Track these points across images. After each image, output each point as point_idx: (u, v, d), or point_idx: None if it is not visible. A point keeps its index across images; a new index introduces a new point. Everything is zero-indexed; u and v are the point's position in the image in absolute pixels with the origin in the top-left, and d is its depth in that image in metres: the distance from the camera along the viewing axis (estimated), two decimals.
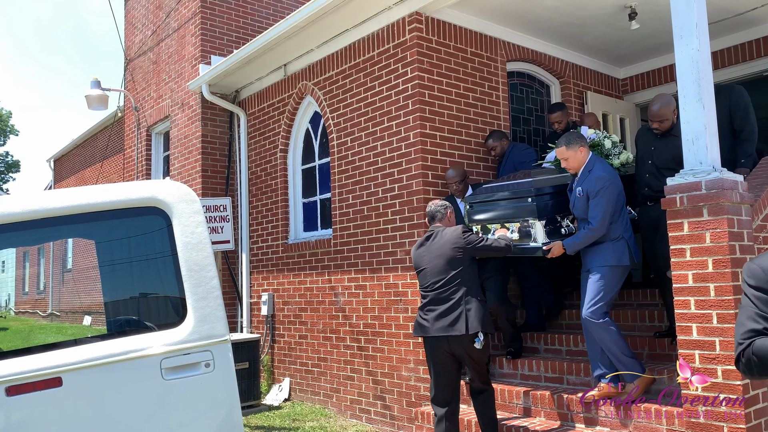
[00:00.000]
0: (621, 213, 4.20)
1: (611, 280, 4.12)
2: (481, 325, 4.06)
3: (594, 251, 4.20)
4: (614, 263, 4.12)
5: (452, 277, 4.17)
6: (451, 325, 4.08)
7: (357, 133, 6.08)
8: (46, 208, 2.86)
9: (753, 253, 3.63)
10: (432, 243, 4.34)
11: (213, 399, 2.94)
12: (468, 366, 4.26)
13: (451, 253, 4.19)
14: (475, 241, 4.23)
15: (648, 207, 4.62)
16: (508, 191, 4.63)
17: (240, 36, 8.30)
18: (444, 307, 4.14)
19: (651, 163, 4.57)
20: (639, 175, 4.72)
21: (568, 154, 4.26)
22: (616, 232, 4.16)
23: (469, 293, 4.14)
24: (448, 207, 4.51)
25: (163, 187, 3.11)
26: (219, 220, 7.53)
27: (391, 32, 5.70)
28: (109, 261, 3.28)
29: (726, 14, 5.86)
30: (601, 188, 4.08)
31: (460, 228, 4.28)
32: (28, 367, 2.64)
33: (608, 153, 4.88)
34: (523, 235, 4.51)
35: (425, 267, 4.32)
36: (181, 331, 2.92)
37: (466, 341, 4.07)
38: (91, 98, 9.22)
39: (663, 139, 4.50)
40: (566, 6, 5.71)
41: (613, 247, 4.14)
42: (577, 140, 4.27)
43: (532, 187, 4.46)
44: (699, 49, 3.63)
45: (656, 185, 4.39)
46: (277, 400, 6.86)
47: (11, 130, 32.16)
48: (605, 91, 7.21)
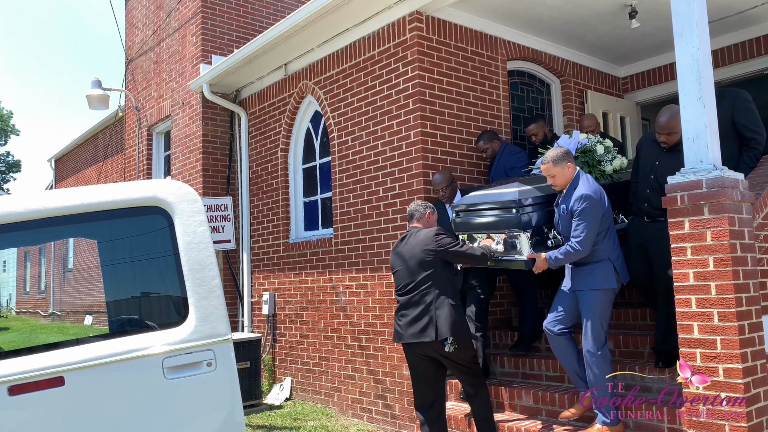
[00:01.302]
0: (607, 233, 4.01)
1: (603, 304, 3.96)
2: (450, 331, 3.93)
3: (580, 272, 4.04)
4: (601, 286, 3.94)
5: (423, 279, 4.05)
6: (422, 332, 3.99)
7: (358, 132, 6.08)
8: (48, 208, 2.87)
9: (754, 252, 3.63)
10: (405, 244, 4.24)
11: (215, 398, 2.95)
12: (451, 370, 4.16)
13: (421, 255, 4.08)
14: (447, 244, 4.09)
15: (644, 222, 4.41)
16: (494, 201, 4.46)
17: (241, 35, 8.30)
18: (415, 312, 4.04)
19: (654, 178, 4.31)
20: (639, 188, 4.49)
21: (555, 171, 4.08)
22: (602, 253, 3.97)
23: (441, 297, 4.01)
24: (428, 207, 4.40)
25: (164, 186, 3.11)
26: (220, 219, 7.54)
27: (392, 31, 5.70)
28: (111, 261, 3.28)
29: (726, 12, 5.85)
30: (584, 207, 3.90)
31: (434, 230, 4.16)
32: (30, 367, 2.65)
33: (600, 159, 4.70)
34: (508, 247, 4.34)
35: (398, 269, 4.22)
36: (183, 330, 2.93)
37: (438, 346, 3.97)
38: (92, 98, 9.22)
39: (669, 154, 4.25)
40: (567, 5, 5.71)
41: (599, 269, 3.96)
42: (565, 157, 4.08)
43: (518, 198, 4.27)
44: (699, 47, 3.63)
45: (657, 202, 4.15)
46: (279, 399, 6.87)
47: (12, 130, 32.16)
48: (606, 89, 7.21)
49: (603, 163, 4.69)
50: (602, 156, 4.70)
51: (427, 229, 4.24)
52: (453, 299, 4.07)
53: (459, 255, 4.14)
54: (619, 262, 4.03)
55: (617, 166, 4.71)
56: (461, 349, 4.04)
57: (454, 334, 3.95)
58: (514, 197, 4.29)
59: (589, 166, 4.62)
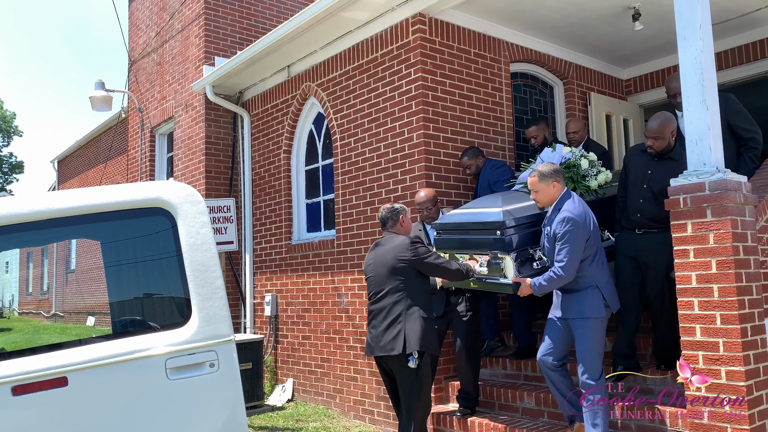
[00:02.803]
0: (595, 258, 3.84)
1: (595, 332, 3.81)
2: (419, 344, 3.77)
3: (569, 300, 3.89)
4: (590, 315, 3.79)
5: (394, 289, 3.89)
6: (390, 344, 3.83)
7: (360, 134, 6.09)
8: (52, 209, 2.88)
9: (757, 254, 3.63)
10: (378, 250, 4.07)
11: (217, 399, 2.95)
12: (399, 383, 3.94)
13: (393, 263, 3.91)
14: (422, 254, 3.90)
15: (635, 235, 4.27)
16: (476, 221, 4.24)
17: (243, 37, 8.32)
18: (385, 323, 3.87)
19: (646, 188, 4.22)
20: (630, 199, 4.35)
21: (540, 187, 3.94)
22: (590, 280, 3.82)
23: (413, 308, 3.85)
24: (400, 212, 4.19)
25: (168, 188, 3.12)
26: (223, 220, 7.55)
27: (395, 33, 5.71)
28: (114, 261, 3.29)
29: (730, 15, 5.85)
30: (566, 231, 3.73)
31: (410, 238, 3.99)
32: (34, 367, 2.66)
33: (585, 174, 4.54)
34: (492, 269, 4.15)
35: (371, 275, 4.07)
36: (186, 331, 2.93)
37: (402, 360, 3.81)
38: (96, 99, 9.26)
39: (661, 163, 4.19)
40: (570, 7, 5.71)
41: (587, 297, 3.81)
42: (552, 175, 3.93)
43: (502, 220, 4.04)
44: (703, 49, 3.63)
45: (651, 212, 4.14)
46: (281, 400, 6.87)
47: (15, 131, 32.27)
48: (609, 91, 7.21)
49: (587, 178, 4.53)
50: (587, 171, 4.54)
51: (403, 236, 4.05)
52: (425, 311, 3.90)
53: (433, 267, 3.96)
54: (608, 288, 3.87)
55: (602, 180, 4.56)
56: (422, 369, 3.87)
57: (422, 348, 3.79)
58: (498, 218, 4.07)
59: (573, 182, 4.48)
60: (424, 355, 3.86)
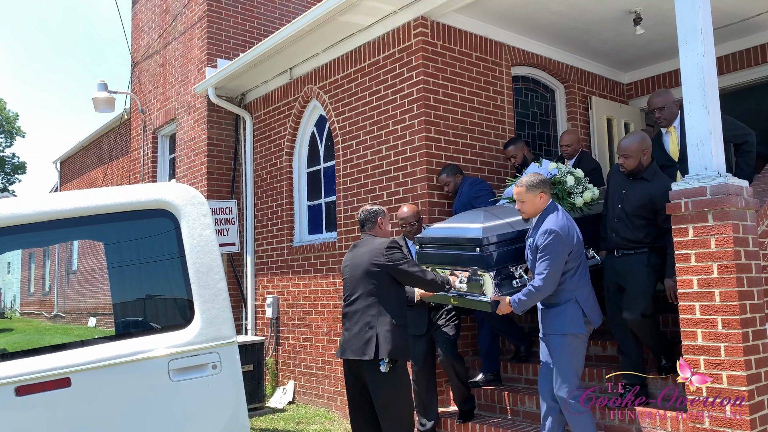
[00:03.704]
0: (576, 272, 3.74)
1: (573, 350, 3.71)
2: (391, 351, 3.67)
3: (547, 314, 3.81)
4: (568, 331, 3.68)
5: (367, 292, 3.80)
6: (363, 348, 3.73)
7: (362, 136, 6.10)
8: (56, 210, 2.90)
9: (758, 259, 3.63)
10: (355, 252, 3.99)
11: (220, 400, 2.97)
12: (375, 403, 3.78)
13: (367, 267, 3.81)
14: (398, 260, 3.79)
15: (614, 258, 4.19)
16: (456, 237, 4.14)
17: (246, 39, 8.34)
18: (357, 327, 3.79)
19: (621, 208, 4.15)
20: (608, 217, 4.29)
21: (526, 197, 3.84)
22: (570, 293, 3.70)
23: (385, 314, 3.75)
24: (379, 213, 4.09)
25: (171, 189, 3.14)
26: (225, 222, 7.57)
27: (397, 36, 5.73)
28: (117, 263, 3.31)
29: (731, 19, 5.86)
30: (548, 243, 3.64)
31: (387, 242, 3.88)
32: (37, 368, 2.67)
33: (571, 191, 4.46)
34: (472, 285, 4.04)
35: (346, 277, 3.99)
36: (189, 332, 2.95)
37: (374, 366, 3.71)
38: (98, 101, 9.28)
39: (634, 183, 4.12)
40: (571, 11, 5.73)
41: (566, 311, 3.70)
42: (540, 185, 3.84)
43: (481, 237, 3.93)
44: (704, 54, 3.64)
45: (625, 232, 4.08)
46: (281, 402, 6.88)
47: (18, 132, 32.33)
48: (610, 95, 7.22)
49: (573, 195, 4.45)
50: (573, 187, 4.46)
51: (381, 239, 3.96)
52: (397, 318, 3.79)
53: (407, 275, 3.84)
54: (589, 303, 3.75)
55: (588, 198, 4.47)
56: (397, 375, 3.76)
57: (392, 356, 3.68)
58: (477, 235, 3.97)
59: (558, 199, 4.41)
60: (397, 363, 3.76)
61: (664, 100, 4.62)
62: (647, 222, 4.03)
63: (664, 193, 3.84)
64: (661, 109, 4.61)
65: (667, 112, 4.60)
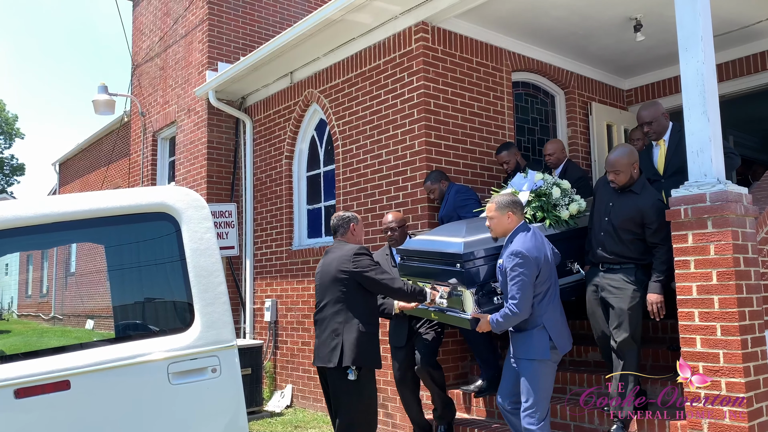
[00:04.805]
0: (545, 296, 3.64)
1: (541, 376, 3.62)
2: (356, 358, 3.64)
3: (515, 338, 3.74)
4: (534, 357, 3.61)
5: (335, 299, 3.79)
6: (329, 356, 3.72)
7: (362, 141, 6.11)
8: (56, 213, 2.90)
9: (757, 266, 3.64)
10: (326, 258, 3.97)
11: (219, 404, 2.97)
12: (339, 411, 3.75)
13: (335, 273, 3.80)
14: (365, 267, 3.76)
15: (598, 272, 4.06)
16: (437, 251, 4.03)
17: (247, 43, 8.36)
18: (325, 334, 3.78)
19: (607, 221, 4.03)
20: (594, 230, 4.15)
21: (495, 215, 3.76)
22: (537, 319, 3.62)
23: (353, 321, 3.72)
24: (352, 220, 4.08)
25: (172, 193, 3.14)
26: (224, 225, 7.57)
27: (398, 41, 5.74)
28: (118, 266, 3.31)
29: (731, 27, 5.89)
30: (515, 265, 3.55)
31: (355, 248, 3.86)
32: (36, 370, 2.67)
33: (556, 203, 4.35)
34: (453, 301, 3.95)
35: (317, 284, 3.98)
36: (189, 336, 2.95)
37: (340, 373, 3.67)
38: (99, 103, 9.29)
39: (623, 196, 4.00)
40: (572, 17, 5.75)
41: (533, 337, 3.62)
42: (510, 206, 3.75)
43: (462, 252, 3.82)
44: (704, 61, 3.66)
45: (611, 246, 3.97)
46: (279, 406, 6.87)
47: (17, 134, 32.34)
48: (610, 101, 7.24)
49: (558, 207, 4.34)
50: (558, 200, 4.36)
51: (351, 246, 3.93)
52: (365, 325, 3.76)
53: (373, 282, 3.80)
54: (557, 329, 3.65)
55: (573, 210, 4.38)
56: (361, 384, 3.72)
57: (357, 363, 3.65)
58: (458, 250, 3.85)
59: (543, 212, 4.33)
60: (363, 370, 3.71)
61: (652, 114, 4.50)
62: (634, 236, 3.93)
63: (652, 207, 3.81)
64: (649, 123, 4.51)
65: (656, 126, 4.50)
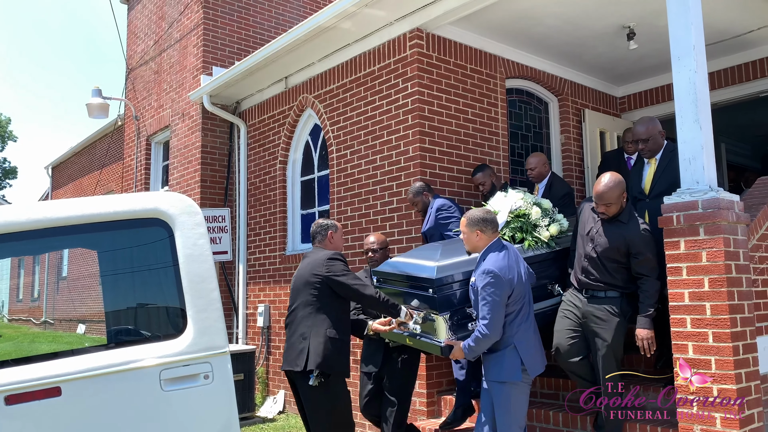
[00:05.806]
0: (518, 316, 3.54)
1: (513, 398, 3.52)
2: (321, 363, 3.59)
3: (487, 360, 3.61)
4: (505, 379, 3.50)
5: (305, 303, 3.77)
6: (296, 359, 3.68)
7: (356, 146, 6.11)
8: (49, 218, 2.88)
9: (749, 273, 3.66)
10: (302, 263, 3.98)
11: (211, 411, 2.95)
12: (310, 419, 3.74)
13: (308, 277, 3.79)
14: (337, 272, 3.73)
15: (581, 299, 3.93)
16: (410, 274, 3.93)
17: (242, 48, 8.36)
18: (293, 338, 3.77)
19: (592, 248, 3.91)
20: (577, 255, 4.03)
21: (465, 231, 3.68)
22: (509, 339, 3.50)
23: (321, 325, 3.68)
24: (330, 227, 4.07)
25: (166, 198, 3.13)
26: (217, 230, 7.55)
27: (392, 47, 5.76)
28: (110, 271, 3.29)
29: (724, 36, 5.94)
30: (485, 284, 3.45)
31: (329, 253, 3.85)
32: (27, 377, 2.65)
33: (536, 223, 4.23)
34: (426, 326, 3.84)
35: (291, 287, 3.97)
36: (181, 342, 2.93)
37: (304, 379, 3.63)
38: (92, 106, 9.27)
39: (608, 224, 3.88)
40: (566, 25, 5.78)
41: (504, 357, 3.51)
42: (479, 223, 3.63)
43: (435, 277, 3.70)
44: (696, 70, 3.69)
45: (594, 273, 3.86)
46: (272, 412, 6.84)
47: (9, 137, 32.17)
48: (603, 108, 7.28)
49: (539, 228, 4.22)
50: (538, 220, 4.24)
51: (326, 251, 3.92)
52: (334, 330, 3.71)
53: (345, 287, 3.75)
54: (530, 351, 3.54)
55: (554, 231, 4.24)
56: (330, 390, 3.67)
57: (322, 368, 3.59)
58: (431, 275, 3.72)
59: (522, 232, 4.21)
60: (330, 377, 3.67)
61: (650, 131, 4.26)
62: (619, 265, 3.83)
63: (639, 237, 3.76)
64: (645, 141, 4.27)
65: (651, 144, 4.26)
